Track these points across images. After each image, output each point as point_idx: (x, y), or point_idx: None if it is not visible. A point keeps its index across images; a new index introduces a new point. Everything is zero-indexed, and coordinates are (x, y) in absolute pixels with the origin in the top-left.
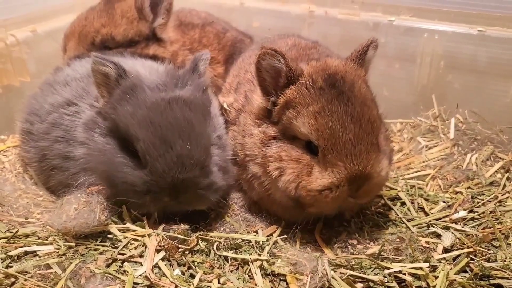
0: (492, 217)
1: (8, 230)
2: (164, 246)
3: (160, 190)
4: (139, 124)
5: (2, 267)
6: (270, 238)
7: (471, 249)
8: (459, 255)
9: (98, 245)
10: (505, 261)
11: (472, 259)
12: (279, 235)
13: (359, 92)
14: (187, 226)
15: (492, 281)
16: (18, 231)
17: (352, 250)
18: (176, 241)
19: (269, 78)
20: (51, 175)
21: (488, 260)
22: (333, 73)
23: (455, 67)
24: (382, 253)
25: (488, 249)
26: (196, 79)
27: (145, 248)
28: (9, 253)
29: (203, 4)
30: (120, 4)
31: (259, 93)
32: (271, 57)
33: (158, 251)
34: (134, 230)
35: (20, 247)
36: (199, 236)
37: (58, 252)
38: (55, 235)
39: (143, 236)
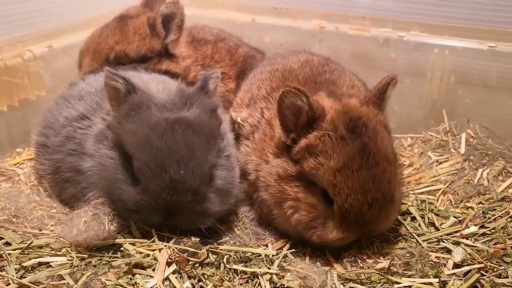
0: (504, 233)
1: (22, 241)
2: (174, 259)
3: (151, 212)
4: (138, 143)
5: (17, 277)
6: (280, 251)
7: (482, 265)
8: (469, 271)
9: (110, 257)
10: None
11: (483, 275)
12: (288, 249)
13: (381, 144)
14: (197, 239)
15: None
16: (32, 242)
17: (361, 265)
18: (186, 254)
19: (290, 115)
20: (64, 187)
21: (499, 276)
22: (355, 118)
23: (466, 82)
24: (391, 267)
25: (499, 265)
26: (205, 100)
27: (156, 261)
28: (23, 264)
29: (215, 20)
30: (133, 21)
31: (278, 125)
32: (294, 95)
33: (169, 264)
34: (145, 244)
35: (34, 258)
36: (209, 249)
37: (71, 263)
38: (68, 247)
39: (153, 250)
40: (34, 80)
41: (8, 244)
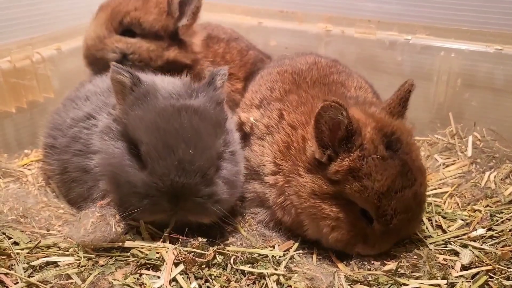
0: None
1: (30, 241)
2: (181, 259)
3: (160, 194)
4: (146, 128)
5: (25, 276)
6: (287, 253)
7: (490, 267)
8: (477, 273)
9: (117, 257)
10: None
11: (491, 277)
12: (295, 250)
13: (416, 157)
14: (204, 240)
15: None
16: (40, 242)
17: (368, 266)
18: (193, 254)
19: (327, 130)
20: (71, 187)
21: (507, 279)
22: (390, 134)
23: (472, 85)
24: (399, 269)
25: (508, 267)
26: (210, 92)
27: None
28: (32, 263)
29: (222, 23)
30: None
31: (313, 141)
32: (334, 109)
33: (176, 264)
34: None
35: (42, 257)
36: (216, 250)
37: (78, 263)
38: (76, 247)
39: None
40: (42, 82)
41: (16, 243)
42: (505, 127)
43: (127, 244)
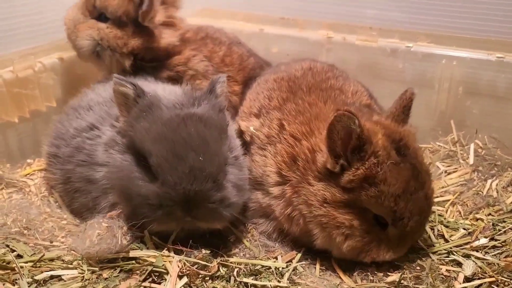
0: None
1: (33, 253)
2: (185, 271)
3: (173, 203)
4: (153, 140)
5: None
6: (290, 264)
7: (493, 279)
8: (480, 285)
9: (122, 267)
10: None
11: None
12: (298, 261)
13: (422, 160)
14: (208, 251)
15: None
16: (44, 255)
17: (371, 277)
18: (196, 266)
19: (339, 140)
20: (74, 197)
21: None
22: (398, 140)
23: (474, 92)
24: (402, 281)
25: (511, 279)
26: (212, 99)
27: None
28: (35, 277)
29: (223, 29)
30: None
31: (324, 152)
32: (348, 119)
33: (180, 277)
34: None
35: (46, 271)
36: (220, 262)
37: (82, 276)
38: (80, 260)
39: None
40: (44, 91)
41: (19, 256)
42: (507, 134)
43: (132, 253)
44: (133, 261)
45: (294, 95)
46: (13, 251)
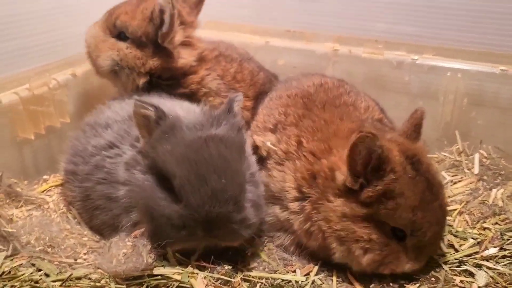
0: None
1: (59, 272)
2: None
3: (195, 224)
4: (177, 162)
5: None
6: (308, 276)
7: None
8: None
9: (149, 283)
10: None
11: None
12: (316, 274)
13: (435, 174)
14: (230, 267)
15: None
16: (72, 274)
17: None
18: (219, 282)
19: (359, 160)
20: (94, 215)
21: None
22: (412, 156)
23: (479, 104)
24: None
25: None
26: (231, 119)
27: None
28: None
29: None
30: (148, 2)
31: (343, 171)
32: (370, 140)
33: None
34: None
35: None
36: (242, 277)
37: None
38: (107, 278)
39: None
40: (59, 108)
41: (46, 275)
42: (510, 145)
43: (157, 271)
44: (159, 277)
45: (310, 112)
46: (39, 270)
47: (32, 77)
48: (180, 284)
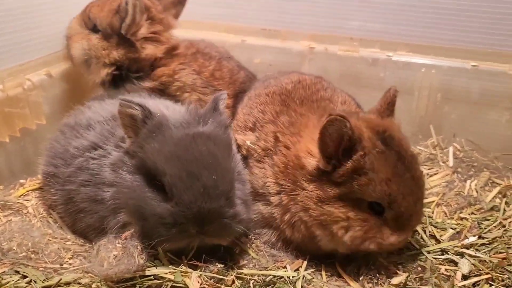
0: (502, 243)
1: (46, 278)
2: (206, 286)
3: (187, 221)
4: (166, 160)
5: None
6: (299, 272)
7: (489, 275)
8: (478, 281)
9: (140, 286)
10: None
11: (491, 284)
12: (305, 269)
13: (407, 148)
14: (222, 265)
15: None
16: (61, 279)
17: (376, 281)
18: (212, 280)
19: (331, 142)
20: (78, 218)
21: (506, 286)
22: (382, 132)
23: (451, 99)
24: (408, 282)
25: (503, 274)
26: (217, 117)
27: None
28: None
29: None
30: None
31: (315, 154)
32: (339, 122)
33: None
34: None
35: None
36: (235, 275)
37: None
38: (98, 282)
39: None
40: (34, 109)
41: (33, 282)
42: (481, 137)
43: (149, 271)
44: (152, 277)
45: (287, 108)
46: (24, 277)
47: (6, 78)
48: (174, 284)
